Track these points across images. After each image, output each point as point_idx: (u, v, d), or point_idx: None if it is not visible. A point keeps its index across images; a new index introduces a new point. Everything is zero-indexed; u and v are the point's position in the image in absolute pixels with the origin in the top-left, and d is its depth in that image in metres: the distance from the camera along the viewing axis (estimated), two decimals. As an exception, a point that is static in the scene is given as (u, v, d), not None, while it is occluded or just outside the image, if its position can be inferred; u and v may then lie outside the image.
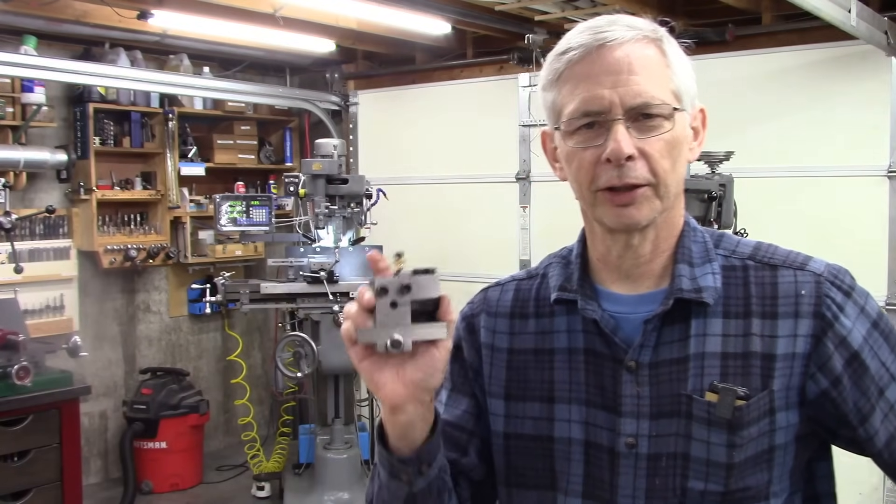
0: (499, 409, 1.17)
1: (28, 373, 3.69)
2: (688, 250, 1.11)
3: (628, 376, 1.07)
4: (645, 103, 1.02)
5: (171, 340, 5.73)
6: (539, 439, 1.13)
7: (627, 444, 1.07)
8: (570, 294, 1.13)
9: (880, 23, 3.60)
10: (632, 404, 1.07)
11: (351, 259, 4.68)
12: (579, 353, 1.12)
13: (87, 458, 5.12)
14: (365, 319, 0.93)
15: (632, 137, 1.02)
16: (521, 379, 1.16)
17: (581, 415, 1.10)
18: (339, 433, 4.53)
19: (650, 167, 1.03)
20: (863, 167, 4.06)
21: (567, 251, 1.20)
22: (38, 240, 4.87)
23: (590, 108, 1.03)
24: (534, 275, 1.23)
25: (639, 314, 1.08)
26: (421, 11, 4.43)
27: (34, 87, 4.62)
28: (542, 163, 5.79)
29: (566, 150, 1.08)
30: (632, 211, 1.04)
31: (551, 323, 1.16)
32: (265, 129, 6.10)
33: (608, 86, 1.02)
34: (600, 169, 1.03)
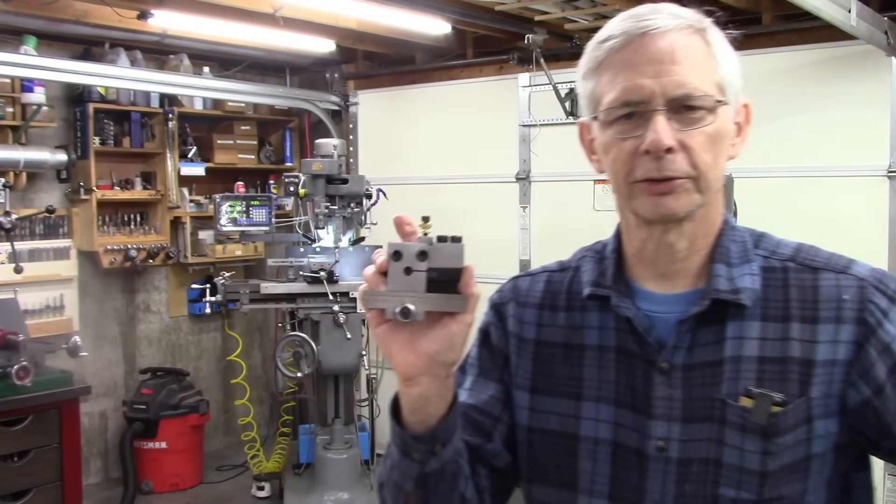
0: (523, 401, 1.14)
1: (28, 373, 3.69)
2: (726, 249, 1.07)
3: (660, 378, 1.04)
4: (687, 94, 0.99)
5: (171, 340, 5.73)
6: (564, 436, 1.10)
7: (657, 448, 1.04)
8: (603, 290, 1.10)
9: (880, 23, 3.60)
10: (663, 407, 1.04)
11: (351, 259, 4.68)
12: (610, 350, 1.09)
13: (87, 458, 5.12)
14: (378, 283, 0.90)
15: (672, 129, 0.99)
16: (547, 373, 1.13)
17: (609, 414, 1.08)
18: (339, 433, 4.53)
19: (690, 160, 1.00)
20: (863, 167, 4.06)
21: (601, 245, 1.17)
22: (38, 240, 4.87)
23: (630, 98, 1.00)
24: (566, 267, 1.19)
25: (673, 314, 1.05)
26: (421, 11, 4.43)
27: (34, 87, 4.62)
28: (542, 163, 5.81)
29: (604, 141, 1.05)
30: (670, 200, 1.00)
31: (582, 318, 1.13)
32: (265, 129, 6.10)
33: (650, 75, 0.99)
34: (638, 160, 1.00)
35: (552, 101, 4.85)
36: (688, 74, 0.99)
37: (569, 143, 5.81)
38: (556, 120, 4.97)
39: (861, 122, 4.03)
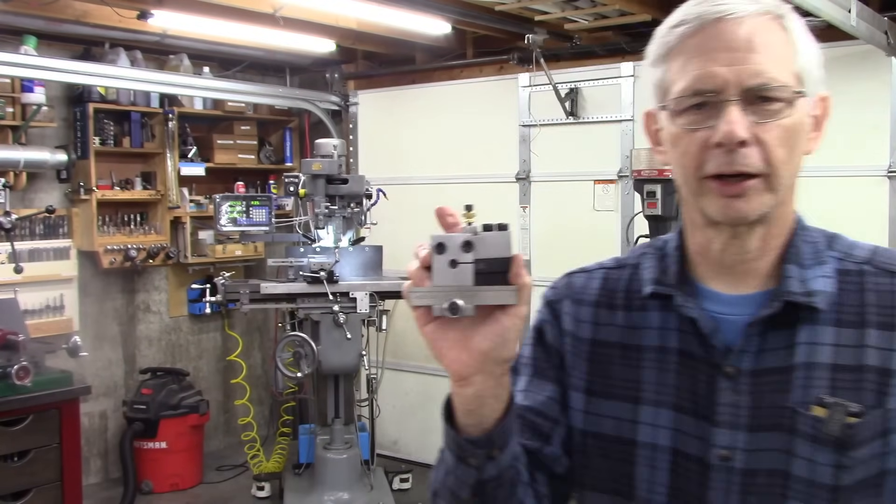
0: (578, 403, 1.09)
1: (28, 373, 3.69)
2: (798, 250, 1.01)
3: (726, 383, 0.98)
4: (764, 84, 0.93)
5: (171, 340, 5.73)
6: (620, 441, 1.05)
7: (721, 457, 0.98)
8: (666, 288, 1.04)
9: (880, 23, 3.60)
10: (728, 414, 0.98)
11: (351, 259, 4.68)
12: (671, 353, 1.03)
13: (87, 458, 5.12)
14: (423, 278, 0.85)
15: (746, 121, 0.93)
16: (603, 374, 1.08)
17: (669, 420, 1.02)
18: (339, 433, 4.53)
19: (764, 155, 0.93)
20: (863, 167, 4.07)
21: (662, 242, 1.11)
22: (38, 240, 4.87)
23: (702, 87, 0.94)
24: (624, 265, 1.13)
25: (741, 316, 0.99)
26: (421, 11, 4.43)
27: (34, 87, 4.62)
28: (542, 163, 5.82)
29: (672, 132, 0.98)
30: (740, 203, 0.94)
31: (642, 318, 1.07)
32: (265, 129, 6.10)
33: (724, 63, 0.93)
34: (709, 154, 0.94)
35: (552, 101, 4.86)
36: (765, 63, 0.93)
37: (569, 143, 5.87)
38: (556, 120, 4.97)
39: (861, 122, 4.03)
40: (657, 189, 3.57)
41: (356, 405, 5.09)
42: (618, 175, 4.79)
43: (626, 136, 4.75)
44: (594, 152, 4.86)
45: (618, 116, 4.78)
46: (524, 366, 1.14)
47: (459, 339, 0.88)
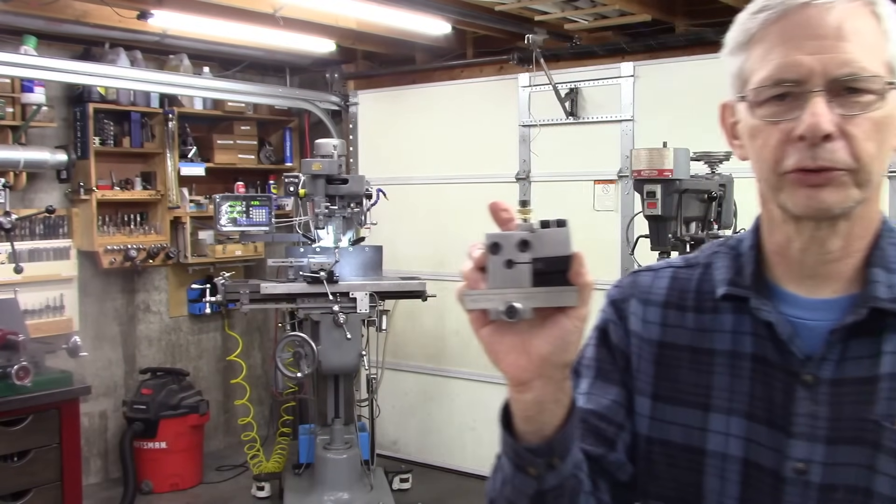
0: (644, 408, 1.03)
1: (28, 373, 3.69)
2: (884, 253, 0.95)
3: (804, 392, 0.93)
4: (852, 74, 0.87)
5: (171, 340, 5.73)
6: (688, 450, 1.00)
7: (796, 470, 0.93)
8: (741, 290, 0.98)
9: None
10: (805, 425, 0.93)
11: (351, 259, 4.68)
12: (745, 358, 0.98)
13: (87, 458, 5.12)
14: (477, 280, 0.80)
15: (833, 114, 0.87)
16: (671, 378, 1.02)
17: (741, 429, 0.97)
18: (338, 433, 4.53)
19: (851, 150, 0.87)
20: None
21: (736, 241, 1.05)
22: (38, 240, 4.87)
23: (784, 76, 0.88)
24: (693, 264, 1.07)
25: (821, 322, 0.94)
26: (421, 11, 4.43)
27: (34, 87, 4.62)
28: (542, 163, 5.81)
29: (751, 124, 0.93)
30: (824, 194, 0.88)
31: (713, 320, 1.01)
32: (265, 129, 6.10)
33: (809, 51, 0.87)
34: (791, 148, 0.89)
35: (552, 101, 4.86)
36: (854, 52, 0.87)
37: (569, 143, 5.86)
38: (556, 120, 4.97)
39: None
40: (657, 189, 3.56)
41: (356, 405, 5.09)
42: (618, 175, 4.79)
43: (626, 136, 4.75)
44: (594, 152, 4.86)
45: (618, 116, 4.78)
46: (586, 367, 1.09)
47: (517, 342, 0.83)
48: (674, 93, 4.57)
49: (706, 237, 3.52)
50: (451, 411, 5.52)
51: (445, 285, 5.27)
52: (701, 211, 3.59)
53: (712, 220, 3.60)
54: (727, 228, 3.62)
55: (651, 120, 4.63)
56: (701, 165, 3.66)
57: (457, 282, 0.83)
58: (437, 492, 5.15)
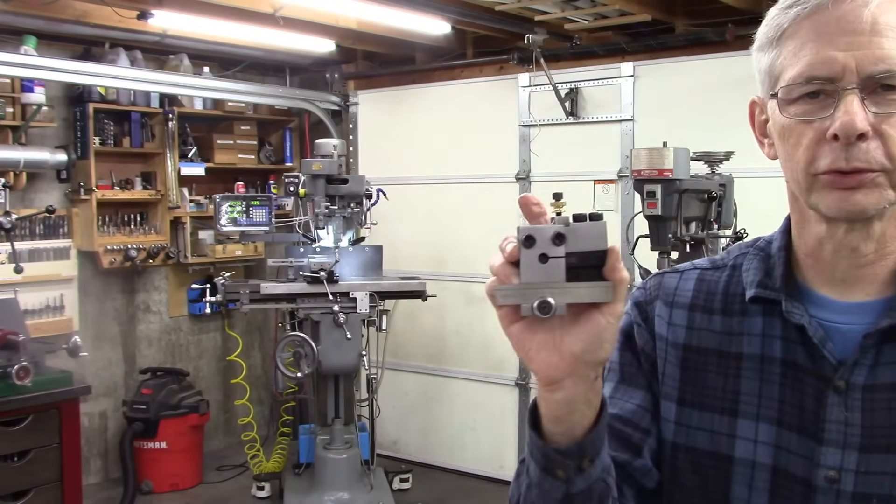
0: (669, 413, 1.01)
1: (28, 373, 3.68)
2: None
3: (836, 398, 0.90)
4: (888, 71, 0.83)
5: (171, 340, 5.73)
6: (715, 457, 0.97)
7: (828, 479, 0.90)
8: (771, 293, 0.96)
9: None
10: (838, 431, 0.90)
11: (351, 259, 4.69)
12: (774, 362, 0.95)
13: (87, 458, 5.12)
14: (509, 274, 0.78)
15: (868, 112, 0.84)
16: (697, 383, 1.00)
17: (770, 436, 0.94)
18: (339, 433, 4.53)
19: (887, 150, 0.84)
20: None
21: (765, 242, 1.02)
22: (38, 240, 4.87)
23: (817, 73, 0.85)
24: (720, 265, 1.05)
25: (854, 326, 0.91)
26: (421, 11, 4.43)
27: (34, 87, 4.62)
28: (542, 163, 5.79)
29: (782, 123, 0.90)
30: (858, 196, 0.85)
31: (741, 323, 0.98)
32: (265, 129, 6.10)
33: (842, 47, 0.84)
34: (823, 148, 0.86)
35: (552, 101, 4.86)
36: (890, 48, 0.84)
37: (569, 143, 5.85)
38: (556, 120, 4.97)
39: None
40: (657, 189, 3.56)
41: (356, 405, 5.09)
42: (618, 175, 4.79)
43: (626, 135, 4.75)
44: (594, 152, 4.86)
45: (618, 116, 4.78)
46: (611, 371, 1.07)
47: (549, 340, 0.79)
48: (674, 93, 4.57)
49: (706, 237, 3.52)
50: (451, 411, 5.52)
51: (445, 285, 5.27)
52: (701, 211, 3.59)
53: (712, 220, 3.60)
54: (727, 228, 3.62)
55: (651, 120, 4.63)
56: (701, 165, 3.66)
57: (458, 282, 0.82)
58: (437, 492, 5.15)
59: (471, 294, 5.33)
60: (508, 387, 5.17)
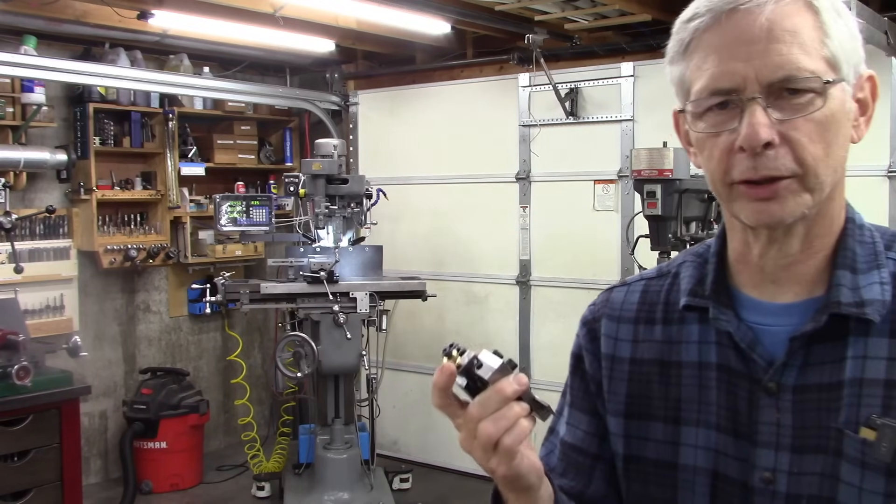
0: (619, 428, 1.03)
1: (28, 373, 3.69)
2: (851, 253, 0.92)
3: (767, 400, 0.91)
4: (788, 77, 0.84)
5: (171, 340, 5.73)
6: (661, 465, 0.99)
7: (763, 480, 0.91)
8: (700, 300, 0.97)
9: (880, 23, 3.60)
10: (770, 433, 0.91)
11: (351, 259, 4.68)
12: (711, 368, 0.96)
13: (87, 458, 5.12)
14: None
15: (772, 120, 0.84)
16: (643, 394, 1.01)
17: (710, 440, 0.95)
18: (339, 433, 4.53)
19: (795, 155, 0.85)
20: (863, 167, 4.06)
21: (704, 248, 1.02)
22: (38, 240, 4.87)
23: (720, 86, 0.86)
24: (664, 273, 1.06)
25: (783, 327, 0.91)
26: (421, 11, 4.43)
27: (34, 87, 4.62)
28: (542, 163, 5.80)
29: (695, 135, 0.92)
30: (773, 206, 0.86)
31: (680, 331, 0.99)
32: (265, 129, 6.10)
33: (742, 57, 0.84)
34: (734, 158, 0.86)
35: (552, 101, 4.86)
36: (789, 53, 0.84)
37: (569, 143, 5.85)
38: (556, 120, 4.97)
39: (861, 122, 4.02)
40: (657, 189, 3.56)
41: (356, 405, 5.09)
42: (618, 175, 4.79)
43: (626, 135, 4.75)
44: (594, 152, 4.86)
45: (618, 116, 4.78)
46: (565, 394, 1.12)
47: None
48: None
49: (706, 237, 3.52)
50: (451, 411, 5.51)
51: (445, 285, 5.28)
52: (701, 211, 3.59)
53: (712, 219, 3.61)
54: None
55: (651, 120, 4.63)
56: (701, 165, 3.66)
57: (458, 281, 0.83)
58: (437, 492, 5.15)
59: (471, 294, 5.34)
60: (508, 387, 5.17)
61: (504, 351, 0.89)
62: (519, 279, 5.16)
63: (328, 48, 5.31)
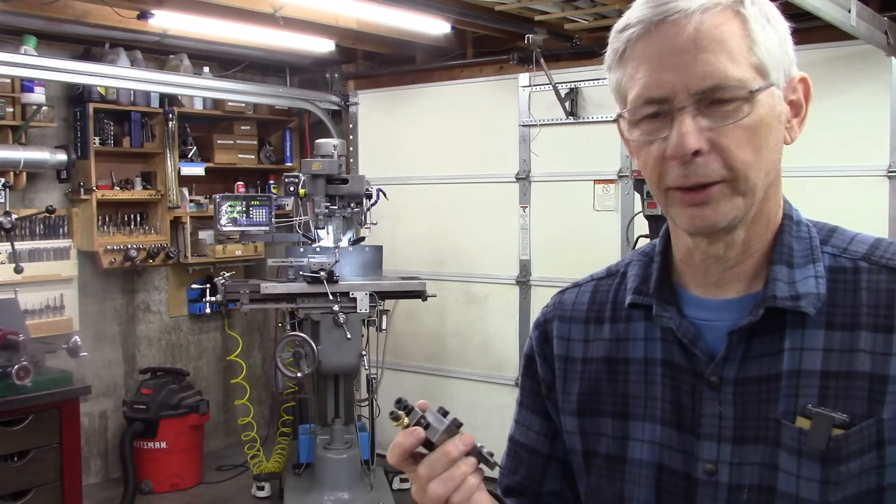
0: (573, 426, 1.06)
1: (28, 373, 3.69)
2: (787, 248, 0.95)
3: (709, 393, 0.94)
4: (715, 86, 0.86)
5: (171, 340, 5.73)
6: (611, 460, 1.02)
7: (706, 471, 0.94)
8: (644, 298, 1.00)
9: (880, 23, 3.60)
10: (712, 425, 0.94)
11: (351, 259, 4.69)
12: (656, 364, 0.99)
13: (87, 458, 5.12)
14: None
15: (701, 128, 0.87)
16: (593, 392, 1.04)
17: (655, 434, 0.98)
18: (339, 433, 4.53)
19: (725, 161, 0.87)
20: (863, 167, 4.07)
21: (651, 247, 1.06)
22: (38, 240, 4.87)
23: (651, 95, 0.89)
24: (613, 273, 1.09)
25: (724, 322, 0.94)
26: (421, 11, 4.43)
27: (34, 87, 4.62)
28: (542, 163, 5.80)
29: (632, 142, 0.95)
30: (707, 211, 0.89)
31: (627, 329, 1.03)
32: (265, 129, 6.10)
33: (671, 67, 0.87)
34: (667, 165, 0.89)
35: (552, 101, 4.86)
36: (716, 62, 0.86)
37: (569, 143, 5.85)
38: (556, 120, 4.97)
39: (861, 122, 4.03)
40: (657, 189, 3.57)
41: (356, 405, 5.09)
42: (618, 175, 4.79)
43: (626, 136, 4.74)
44: (594, 152, 4.86)
45: (618, 116, 4.78)
46: (519, 395, 1.15)
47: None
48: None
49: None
50: (451, 411, 5.49)
51: (445, 285, 5.28)
52: (701, 211, 3.59)
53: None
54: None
55: (651, 120, 4.63)
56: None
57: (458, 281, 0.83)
58: (437, 492, 5.14)
59: (471, 294, 5.34)
60: (508, 387, 5.16)
61: (503, 351, 0.91)
62: (519, 279, 5.16)
63: (328, 48, 5.31)
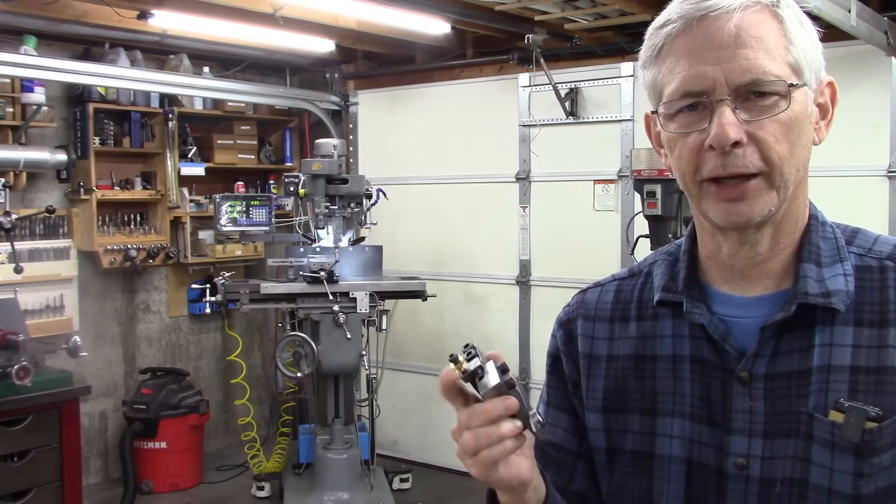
0: (598, 423, 1.07)
1: (28, 373, 3.69)
2: (815, 247, 0.97)
3: (740, 388, 0.96)
4: (755, 80, 0.89)
5: (171, 340, 5.73)
6: (639, 456, 1.03)
7: (737, 465, 0.95)
8: (674, 295, 1.02)
9: (880, 23, 3.60)
10: (743, 420, 0.96)
11: (351, 259, 4.68)
12: (685, 360, 1.01)
13: (87, 458, 5.12)
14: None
15: (740, 121, 0.89)
16: (620, 389, 1.06)
17: (684, 430, 1.00)
18: (339, 433, 4.53)
19: (762, 154, 0.90)
20: (863, 167, 4.06)
21: (675, 247, 1.08)
22: (38, 240, 4.87)
23: (691, 88, 0.91)
24: (636, 273, 1.12)
25: (754, 319, 0.96)
26: (421, 11, 4.43)
27: (34, 87, 4.62)
28: (542, 163, 5.80)
29: (666, 136, 0.97)
30: (742, 207, 0.92)
31: (654, 327, 1.05)
32: (265, 129, 6.10)
33: (712, 62, 0.90)
34: (704, 157, 0.92)
35: (552, 101, 4.86)
36: (755, 57, 0.89)
37: (569, 143, 5.85)
38: (556, 120, 4.97)
39: (861, 122, 4.03)
40: (657, 189, 3.57)
41: (356, 405, 5.09)
42: (618, 175, 4.79)
43: (626, 135, 4.75)
44: (594, 152, 4.86)
45: (618, 116, 4.78)
46: (544, 393, 1.16)
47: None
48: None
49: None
50: (451, 411, 5.47)
51: (445, 285, 5.27)
52: (701, 211, 3.58)
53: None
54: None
55: (651, 120, 4.63)
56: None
57: (458, 281, 0.84)
58: (437, 492, 5.15)
59: (471, 294, 5.34)
60: (508, 387, 5.17)
61: (503, 351, 0.91)
62: (519, 279, 5.16)
63: (328, 48, 5.31)
